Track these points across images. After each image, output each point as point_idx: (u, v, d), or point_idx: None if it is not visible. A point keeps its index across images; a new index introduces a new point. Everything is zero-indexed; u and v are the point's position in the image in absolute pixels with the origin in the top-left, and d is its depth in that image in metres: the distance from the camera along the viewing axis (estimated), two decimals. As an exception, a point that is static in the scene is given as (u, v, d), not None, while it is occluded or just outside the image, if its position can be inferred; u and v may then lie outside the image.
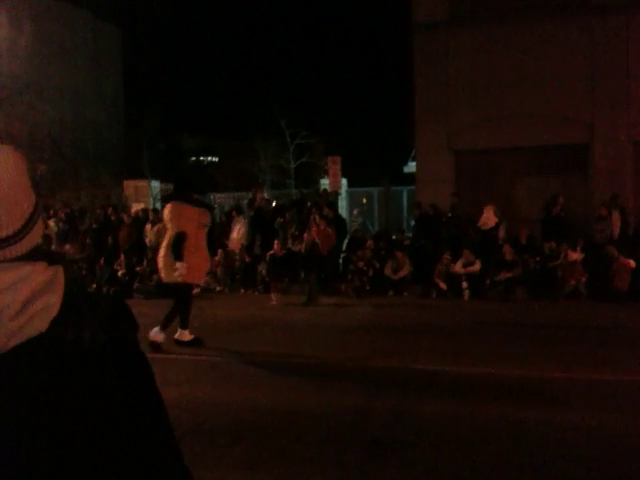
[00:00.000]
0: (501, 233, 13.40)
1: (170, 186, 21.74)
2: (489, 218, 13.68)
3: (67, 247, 15.34)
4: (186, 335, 7.75)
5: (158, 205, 19.49)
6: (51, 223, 16.31)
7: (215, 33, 34.76)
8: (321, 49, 36.41)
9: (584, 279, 12.05)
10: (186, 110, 31.15)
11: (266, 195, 18.65)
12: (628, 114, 14.81)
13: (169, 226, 7.75)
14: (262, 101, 27.11)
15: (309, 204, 15.40)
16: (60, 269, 0.95)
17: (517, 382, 5.96)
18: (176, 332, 7.73)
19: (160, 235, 15.54)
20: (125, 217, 16.18)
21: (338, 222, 14.65)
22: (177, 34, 29.81)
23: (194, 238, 7.48)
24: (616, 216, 13.15)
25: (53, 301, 0.90)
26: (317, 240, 12.96)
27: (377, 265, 13.26)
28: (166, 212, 7.85)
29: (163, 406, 1.00)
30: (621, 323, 9.31)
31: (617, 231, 13.06)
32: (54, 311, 0.90)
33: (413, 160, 18.49)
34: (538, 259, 12.58)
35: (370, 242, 13.98)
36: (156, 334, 7.42)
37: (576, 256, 12.27)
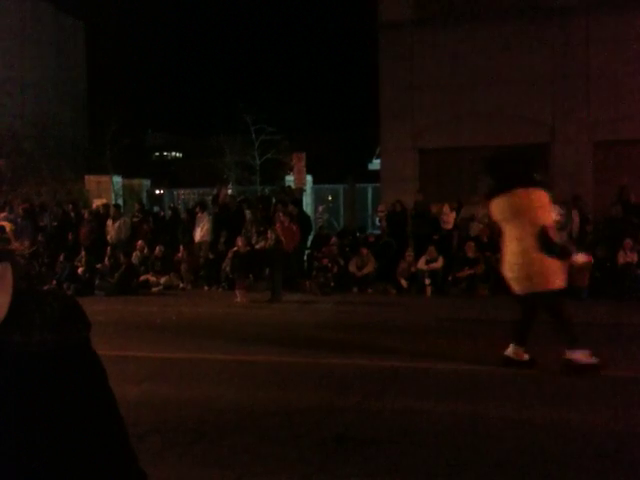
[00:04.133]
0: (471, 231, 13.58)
1: (133, 182, 21.43)
2: (448, 216, 13.92)
3: (25, 243, 14.97)
4: (521, 353, 6.46)
5: (120, 201, 19.19)
6: (6, 224, 15.84)
7: (180, 30, 34.53)
8: (286, 46, 36.41)
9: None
10: (151, 106, 30.82)
11: (230, 191, 18.53)
12: (588, 115, 15.12)
13: (511, 224, 6.15)
14: (227, 98, 27.03)
15: (274, 201, 15.34)
16: (8, 267, 0.92)
17: (478, 378, 6.03)
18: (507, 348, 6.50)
19: (121, 232, 15.29)
20: (86, 213, 15.86)
21: (302, 219, 14.64)
22: (142, 30, 29.49)
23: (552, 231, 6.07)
24: (575, 215, 13.45)
25: (1, 301, 0.88)
26: (280, 237, 12.91)
27: (342, 262, 13.29)
28: (508, 203, 6.07)
29: (115, 405, 0.98)
30: (581, 319, 9.49)
31: (576, 229, 13.36)
32: (3, 311, 0.87)
33: (377, 157, 18.59)
34: (499, 256, 12.77)
35: (335, 239, 14.01)
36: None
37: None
